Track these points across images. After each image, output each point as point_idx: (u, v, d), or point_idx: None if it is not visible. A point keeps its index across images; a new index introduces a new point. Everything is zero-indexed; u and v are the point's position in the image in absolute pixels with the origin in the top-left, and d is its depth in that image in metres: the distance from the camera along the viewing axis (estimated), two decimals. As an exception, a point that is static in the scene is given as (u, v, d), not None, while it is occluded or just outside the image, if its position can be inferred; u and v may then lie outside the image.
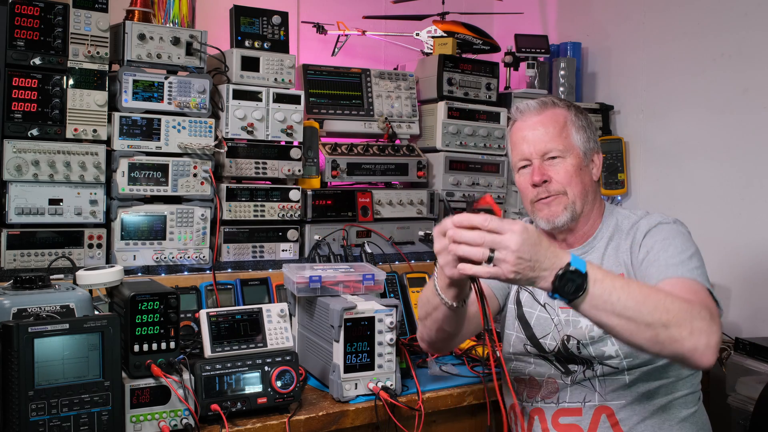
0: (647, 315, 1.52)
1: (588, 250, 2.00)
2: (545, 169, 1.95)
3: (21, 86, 2.34)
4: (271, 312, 1.98)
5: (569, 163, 1.95)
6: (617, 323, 1.52)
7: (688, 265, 1.78)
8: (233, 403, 1.84)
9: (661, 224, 1.91)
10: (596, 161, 2.03)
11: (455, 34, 3.35)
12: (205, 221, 2.62)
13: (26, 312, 1.67)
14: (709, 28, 3.09)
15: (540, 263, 1.48)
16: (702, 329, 1.54)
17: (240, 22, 2.75)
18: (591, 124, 2.04)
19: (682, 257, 1.80)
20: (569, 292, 1.50)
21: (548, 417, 1.94)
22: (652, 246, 1.87)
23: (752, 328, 2.83)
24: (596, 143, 2.03)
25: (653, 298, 1.54)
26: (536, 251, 1.48)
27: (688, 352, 1.54)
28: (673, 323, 1.52)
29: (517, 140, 2.01)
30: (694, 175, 3.14)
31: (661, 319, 1.52)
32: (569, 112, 2.00)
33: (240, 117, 2.69)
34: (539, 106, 2.00)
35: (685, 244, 1.85)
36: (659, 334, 1.52)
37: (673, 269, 1.78)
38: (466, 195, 3.17)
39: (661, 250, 1.84)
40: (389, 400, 1.96)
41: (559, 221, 1.95)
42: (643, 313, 1.51)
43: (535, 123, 1.98)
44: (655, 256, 1.84)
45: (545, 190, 1.95)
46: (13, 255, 2.35)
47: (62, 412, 1.58)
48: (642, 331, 1.52)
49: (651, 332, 1.52)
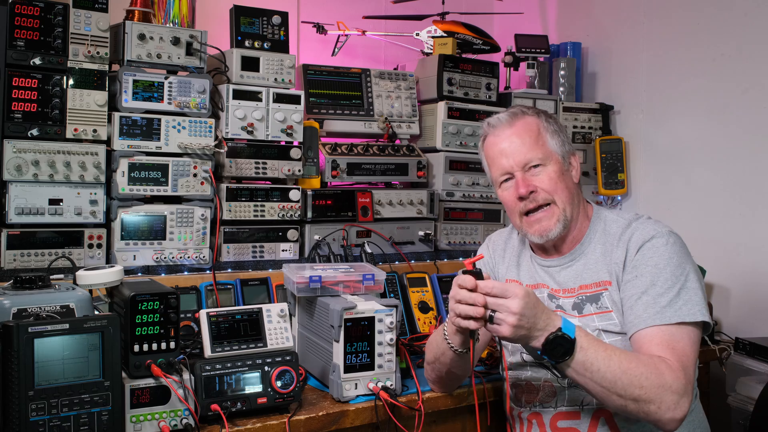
0: (620, 389, 1.66)
1: (577, 256, 1.99)
2: (529, 179, 1.94)
3: (21, 86, 2.34)
4: (271, 312, 1.98)
5: (551, 169, 1.94)
6: (592, 387, 1.68)
7: (676, 304, 1.77)
8: (233, 403, 1.84)
9: (656, 239, 1.86)
10: (574, 163, 2.02)
11: (455, 34, 3.35)
12: (205, 221, 2.62)
13: (26, 312, 1.67)
14: (709, 29, 3.09)
15: (535, 326, 1.64)
16: (669, 405, 1.66)
17: (240, 22, 2.75)
18: (562, 127, 2.03)
19: (671, 294, 1.78)
20: (557, 355, 1.65)
21: (546, 421, 1.94)
22: (642, 271, 1.84)
23: (752, 328, 2.83)
24: (571, 145, 2.02)
25: (630, 373, 1.66)
26: (534, 314, 1.64)
27: (653, 422, 1.70)
28: (643, 399, 1.66)
29: (495, 155, 1.99)
30: (694, 175, 3.15)
31: (633, 394, 1.66)
32: (540, 119, 1.99)
33: (240, 117, 2.69)
34: (510, 117, 1.99)
35: (676, 273, 1.81)
36: (628, 405, 1.68)
37: (660, 314, 1.77)
38: (465, 195, 3.18)
39: (650, 282, 1.81)
40: (389, 400, 1.96)
41: (552, 234, 1.94)
42: (617, 387, 1.66)
43: (509, 135, 1.96)
44: (643, 286, 1.81)
45: (533, 200, 1.94)
46: (13, 255, 2.35)
47: (62, 412, 1.58)
48: (614, 399, 1.68)
49: (621, 402, 1.67)
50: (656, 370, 1.66)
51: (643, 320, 1.78)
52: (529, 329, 1.63)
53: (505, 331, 1.63)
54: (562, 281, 1.99)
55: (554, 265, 2.01)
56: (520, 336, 1.64)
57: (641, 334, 1.77)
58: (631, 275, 1.85)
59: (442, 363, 1.96)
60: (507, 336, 1.63)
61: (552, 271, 2.01)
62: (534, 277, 2.05)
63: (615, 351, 1.68)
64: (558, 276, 2.00)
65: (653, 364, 1.67)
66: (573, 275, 1.97)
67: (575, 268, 1.97)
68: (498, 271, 2.16)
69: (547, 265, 2.03)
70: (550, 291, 1.99)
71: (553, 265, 2.02)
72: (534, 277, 2.05)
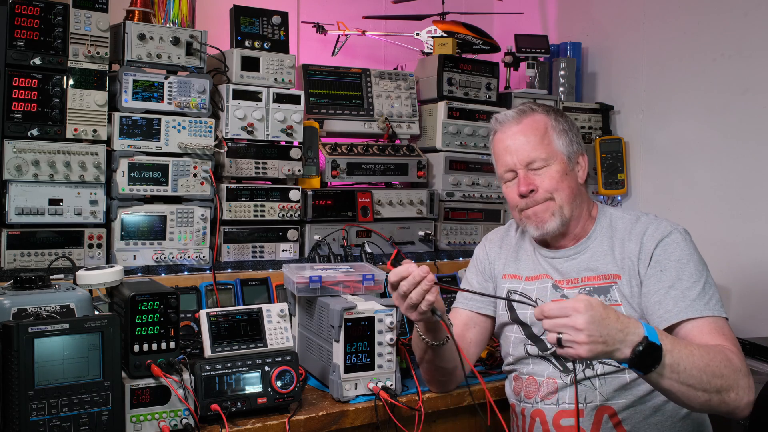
0: (706, 383, 1.60)
1: (581, 250, 2.00)
2: (531, 178, 1.94)
3: (21, 86, 2.34)
4: (271, 312, 1.98)
5: (554, 169, 1.94)
6: (678, 389, 1.59)
7: (705, 298, 1.80)
8: (233, 403, 1.84)
9: (674, 234, 1.90)
10: (581, 163, 2.02)
11: (455, 34, 3.35)
12: (205, 221, 2.62)
13: (26, 312, 1.67)
14: (709, 28, 3.09)
15: (612, 337, 1.51)
16: (746, 389, 1.64)
17: (240, 22, 2.75)
18: (572, 125, 2.02)
19: (698, 288, 1.81)
20: (647, 364, 1.54)
21: (549, 419, 1.94)
22: (665, 265, 1.86)
23: (752, 328, 2.83)
24: (579, 145, 2.02)
25: (712, 365, 1.61)
26: (605, 326, 1.50)
27: (732, 411, 1.65)
28: (724, 388, 1.61)
29: (500, 151, 2.00)
30: (694, 175, 3.14)
31: (716, 385, 1.61)
32: (549, 117, 1.99)
33: (240, 117, 2.69)
34: (518, 114, 1.99)
35: (698, 268, 1.85)
36: (712, 398, 1.61)
37: (693, 307, 1.79)
38: (465, 195, 3.18)
39: (676, 276, 1.83)
40: (389, 400, 1.96)
41: (548, 227, 1.95)
42: (703, 382, 1.59)
43: (515, 132, 1.97)
44: (670, 281, 1.83)
45: (532, 199, 1.95)
46: (13, 255, 2.35)
47: (62, 412, 1.58)
48: (698, 396, 1.61)
49: (705, 397, 1.61)
50: (726, 357, 1.65)
51: (675, 314, 1.79)
52: (605, 343, 1.49)
53: (582, 352, 1.48)
54: (565, 271, 1.99)
55: (558, 257, 2.02)
56: (599, 353, 1.49)
57: (687, 326, 1.78)
58: (655, 269, 1.87)
59: (428, 361, 1.97)
60: (586, 357, 1.50)
61: (556, 262, 2.02)
62: (537, 269, 2.06)
63: (693, 346, 1.64)
64: (561, 267, 2.00)
65: (721, 351, 1.67)
66: (577, 267, 1.98)
67: (580, 260, 1.98)
68: (495, 268, 2.17)
69: (551, 256, 2.04)
70: (554, 282, 2.00)
71: (557, 257, 2.03)
72: (537, 269, 2.06)
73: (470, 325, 2.12)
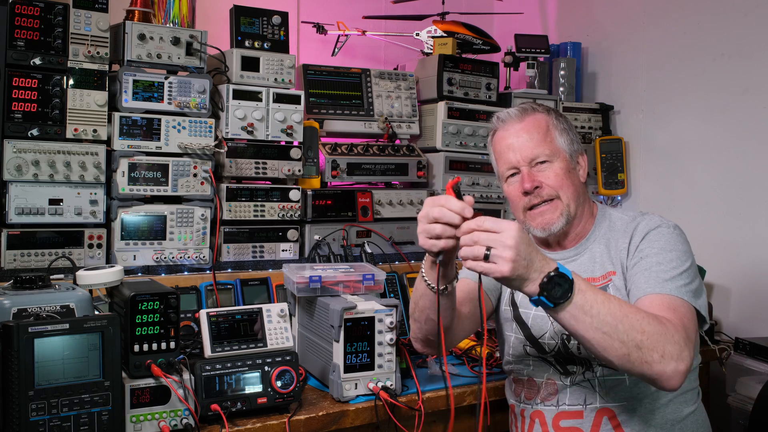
0: (623, 333, 1.56)
1: (581, 251, 2.00)
2: (534, 175, 1.94)
3: (21, 86, 2.34)
4: (271, 312, 1.98)
5: (558, 166, 1.94)
6: (593, 336, 1.56)
7: (677, 282, 1.77)
8: (233, 403, 1.84)
9: (661, 228, 1.89)
10: (582, 163, 2.02)
11: (455, 34, 3.35)
12: (205, 221, 2.63)
13: (26, 312, 1.67)
14: (709, 28, 3.09)
15: (533, 263, 1.53)
16: (672, 354, 1.58)
17: (240, 22, 2.75)
18: (572, 126, 2.03)
19: (674, 273, 1.78)
20: (556, 296, 1.53)
21: (549, 420, 1.94)
22: (648, 253, 1.85)
23: (752, 328, 2.83)
24: (579, 145, 2.02)
25: (631, 317, 1.57)
26: (530, 251, 1.53)
27: (656, 375, 1.59)
28: (645, 345, 1.57)
29: (502, 149, 1.99)
30: (694, 175, 3.15)
31: (635, 339, 1.56)
32: (550, 117, 1.99)
33: (240, 117, 2.69)
34: (519, 113, 1.99)
35: (681, 258, 1.82)
36: (631, 353, 1.57)
37: (661, 285, 1.76)
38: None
39: (656, 261, 1.81)
40: (389, 400, 1.97)
41: (555, 228, 1.94)
42: (619, 331, 1.56)
43: (518, 130, 1.96)
44: (647, 265, 1.82)
45: (537, 196, 1.94)
46: (13, 255, 2.35)
47: (62, 412, 1.58)
48: (616, 348, 1.56)
49: (624, 350, 1.57)
50: (657, 320, 1.61)
51: (642, 290, 1.77)
52: (526, 267, 1.50)
53: (504, 268, 1.48)
54: None
55: (558, 259, 2.01)
56: (519, 274, 1.50)
57: (641, 299, 1.75)
58: (636, 258, 1.86)
59: (422, 309, 1.86)
60: (506, 273, 1.49)
61: None
62: None
63: (613, 296, 1.62)
64: None
65: (653, 315, 1.63)
66: (577, 269, 1.97)
67: (580, 262, 1.98)
68: None
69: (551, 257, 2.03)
70: None
71: (557, 259, 2.02)
72: None
73: (471, 299, 2.02)
